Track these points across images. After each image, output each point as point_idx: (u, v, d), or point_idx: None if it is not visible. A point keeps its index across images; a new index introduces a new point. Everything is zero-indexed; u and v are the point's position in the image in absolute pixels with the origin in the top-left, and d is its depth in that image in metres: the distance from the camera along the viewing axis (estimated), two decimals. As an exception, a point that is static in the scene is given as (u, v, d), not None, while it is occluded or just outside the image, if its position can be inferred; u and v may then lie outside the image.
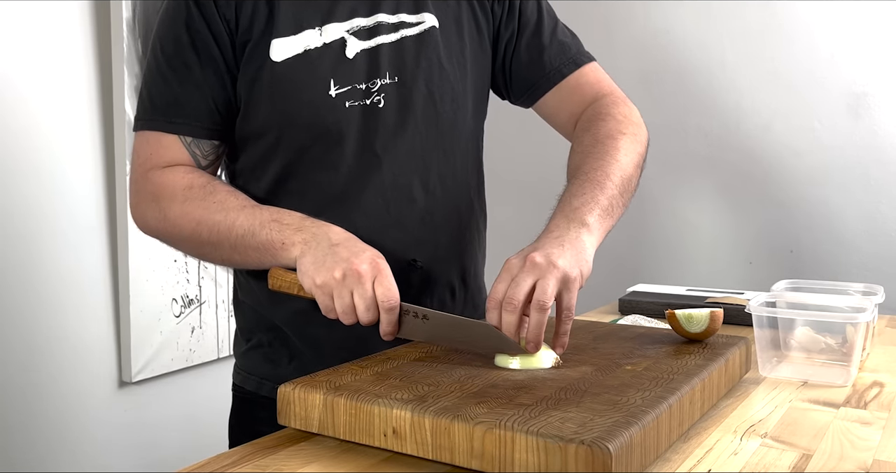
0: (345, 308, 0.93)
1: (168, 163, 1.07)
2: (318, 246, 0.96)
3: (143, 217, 1.09)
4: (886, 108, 1.98)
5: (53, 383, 1.71)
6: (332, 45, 1.06)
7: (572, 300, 0.92)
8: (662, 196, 2.27)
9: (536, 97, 1.22)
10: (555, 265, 0.91)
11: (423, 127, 1.11)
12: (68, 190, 1.72)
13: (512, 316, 0.90)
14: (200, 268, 1.95)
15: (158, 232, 1.08)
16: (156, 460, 1.91)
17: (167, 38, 1.06)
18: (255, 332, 1.17)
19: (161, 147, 1.07)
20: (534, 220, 1.11)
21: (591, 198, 1.00)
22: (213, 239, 1.02)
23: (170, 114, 1.06)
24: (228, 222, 1.01)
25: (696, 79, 2.22)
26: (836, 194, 2.05)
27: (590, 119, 1.16)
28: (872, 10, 1.98)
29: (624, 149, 1.09)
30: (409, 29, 1.10)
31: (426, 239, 1.12)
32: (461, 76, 1.14)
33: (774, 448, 0.83)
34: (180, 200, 1.04)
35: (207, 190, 1.04)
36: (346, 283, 0.92)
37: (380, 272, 0.93)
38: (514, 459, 0.70)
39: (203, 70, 1.05)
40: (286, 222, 0.99)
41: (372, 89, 1.07)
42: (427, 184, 1.12)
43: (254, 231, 0.99)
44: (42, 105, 1.67)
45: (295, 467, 0.77)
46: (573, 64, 1.21)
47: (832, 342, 1.13)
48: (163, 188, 1.05)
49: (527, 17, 1.20)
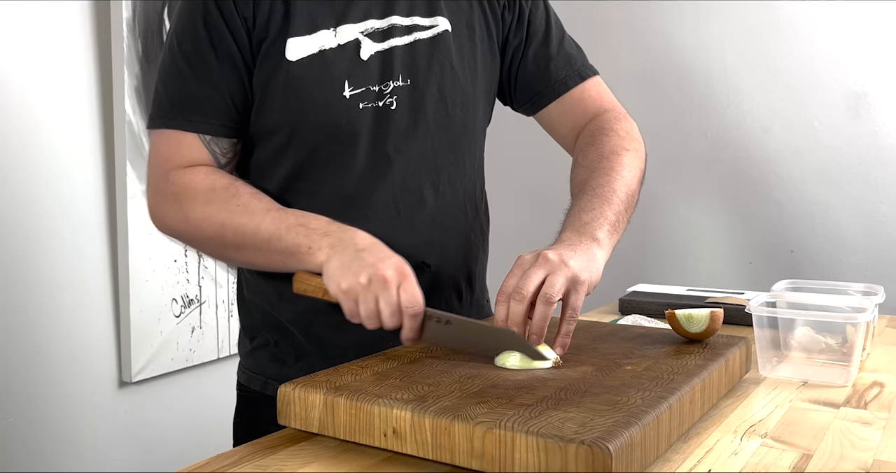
0: (369, 313, 0.93)
1: (189, 163, 1.06)
2: (344, 251, 0.95)
3: (162, 217, 1.08)
4: (886, 108, 1.98)
5: (53, 383, 1.71)
6: (347, 47, 1.06)
7: (578, 301, 0.94)
8: (663, 196, 2.27)
9: (540, 106, 1.24)
10: (566, 264, 0.92)
11: (434, 129, 1.12)
12: (68, 190, 1.72)
13: (520, 305, 0.90)
14: (200, 268, 1.95)
15: (179, 232, 1.08)
16: (156, 460, 1.91)
17: (185, 35, 1.06)
18: (260, 331, 1.17)
19: (181, 146, 1.06)
20: (533, 222, 1.11)
21: (599, 213, 1.02)
22: (238, 242, 1.02)
23: (188, 111, 1.05)
24: (254, 225, 1.00)
25: (696, 79, 2.22)
26: (836, 194, 2.05)
27: (593, 134, 1.18)
28: (872, 10, 1.98)
29: (628, 165, 1.12)
30: (423, 32, 1.11)
31: (435, 242, 1.13)
32: (472, 80, 1.15)
33: (774, 448, 0.83)
34: (203, 202, 1.03)
35: (231, 192, 1.03)
36: (371, 289, 0.92)
37: (405, 278, 0.93)
38: (515, 459, 0.70)
39: (221, 67, 1.05)
40: (312, 226, 0.99)
41: (385, 91, 1.08)
42: (437, 186, 1.13)
43: (280, 235, 0.99)
44: (42, 105, 1.67)
45: (295, 467, 0.77)
46: (578, 76, 1.23)
47: (832, 342, 1.13)
48: (185, 189, 1.04)
49: (536, 26, 1.22)
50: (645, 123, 2.36)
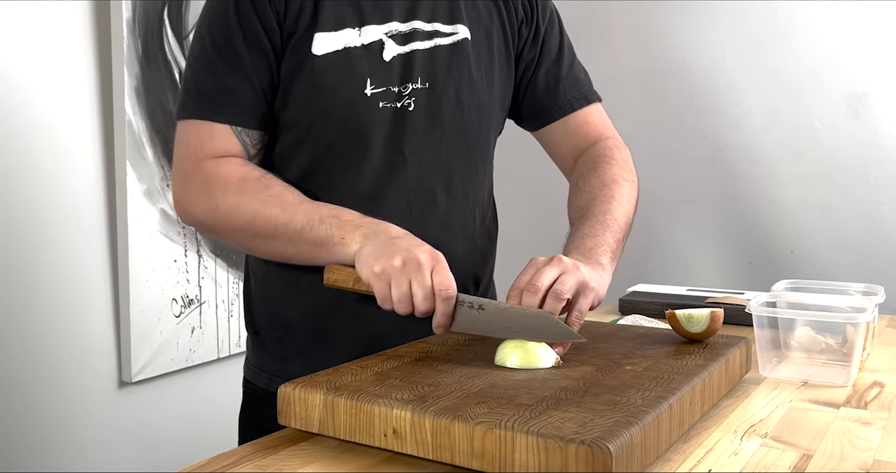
0: (402, 295, 0.94)
1: (220, 154, 1.07)
2: (377, 239, 0.98)
3: (190, 206, 1.08)
4: (886, 108, 1.98)
5: (53, 383, 1.71)
6: (371, 47, 1.08)
7: (585, 305, 0.97)
8: (663, 196, 2.27)
9: (543, 123, 1.27)
10: (578, 268, 0.97)
11: (449, 133, 1.14)
12: (68, 190, 1.72)
13: (534, 297, 0.93)
14: (200, 268, 1.95)
15: (207, 222, 1.08)
16: (156, 460, 1.91)
17: (216, 26, 1.07)
18: (266, 328, 1.18)
19: (213, 136, 1.07)
20: (540, 228, 1.11)
21: (603, 240, 1.07)
22: (269, 232, 1.03)
23: (218, 102, 1.06)
24: (286, 216, 1.02)
25: (696, 79, 2.22)
26: (836, 194, 2.05)
27: (595, 160, 1.22)
28: (872, 10, 1.98)
29: (626, 195, 1.17)
30: (443, 38, 1.13)
31: (446, 243, 1.14)
32: (488, 88, 1.17)
33: (775, 449, 0.83)
34: (234, 191, 1.04)
35: (263, 183, 1.05)
36: (405, 271, 0.93)
37: (438, 262, 0.95)
38: (515, 459, 0.70)
39: (252, 58, 1.06)
40: (346, 218, 1.01)
41: (403, 93, 1.10)
42: (450, 189, 1.15)
43: (312, 225, 1.01)
44: (42, 105, 1.67)
45: (295, 467, 0.77)
46: (584, 100, 1.27)
47: (832, 342, 1.13)
48: (216, 178, 1.05)
49: (550, 45, 1.25)
50: (645, 123, 2.37)
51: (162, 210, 1.85)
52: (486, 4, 1.19)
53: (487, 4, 1.19)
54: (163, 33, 1.84)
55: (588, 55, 1.40)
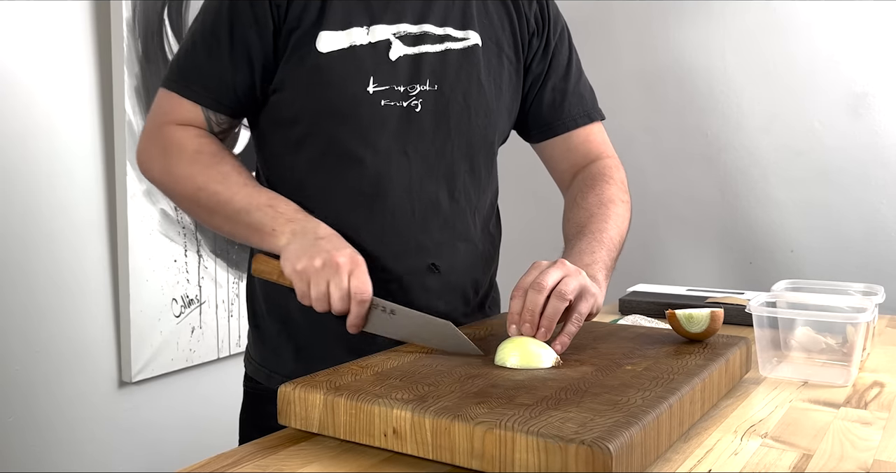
0: (319, 295, 0.98)
1: (182, 122, 1.11)
2: (304, 237, 1.01)
3: (148, 164, 1.13)
4: (886, 108, 1.98)
5: (53, 383, 1.71)
6: (378, 46, 1.09)
7: (585, 308, 0.98)
8: (662, 196, 2.27)
9: (546, 137, 1.28)
10: (581, 272, 0.98)
11: (455, 136, 1.14)
12: (68, 189, 1.72)
13: (538, 295, 0.94)
14: (200, 268, 1.95)
15: (160, 183, 1.13)
16: (156, 460, 1.91)
17: (210, 12, 1.10)
18: (265, 322, 1.18)
19: (179, 106, 1.11)
20: (542, 232, 1.11)
21: (599, 257, 1.09)
22: (210, 207, 1.07)
23: (191, 79, 1.10)
24: (228, 194, 1.06)
25: (696, 79, 2.21)
26: (836, 194, 2.05)
27: (594, 178, 1.24)
28: (872, 10, 1.98)
29: (622, 215, 1.19)
30: (455, 43, 1.14)
31: (446, 246, 1.15)
32: (496, 95, 1.18)
33: (775, 449, 0.83)
34: (187, 162, 1.08)
35: (216, 159, 1.08)
36: (324, 272, 0.97)
37: (357, 266, 0.98)
38: (515, 459, 0.70)
39: (232, 51, 1.08)
40: (280, 210, 1.04)
41: (410, 93, 1.10)
42: (453, 191, 1.15)
43: (249, 210, 1.04)
44: (42, 105, 1.67)
45: (295, 467, 0.77)
46: (587, 117, 1.28)
47: (832, 342, 1.13)
48: (172, 144, 1.09)
49: (559, 60, 1.26)
50: (645, 123, 2.37)
51: (162, 210, 1.85)
52: (499, 13, 1.20)
53: (500, 13, 1.20)
54: (163, 33, 1.84)
55: (588, 55, 1.40)
